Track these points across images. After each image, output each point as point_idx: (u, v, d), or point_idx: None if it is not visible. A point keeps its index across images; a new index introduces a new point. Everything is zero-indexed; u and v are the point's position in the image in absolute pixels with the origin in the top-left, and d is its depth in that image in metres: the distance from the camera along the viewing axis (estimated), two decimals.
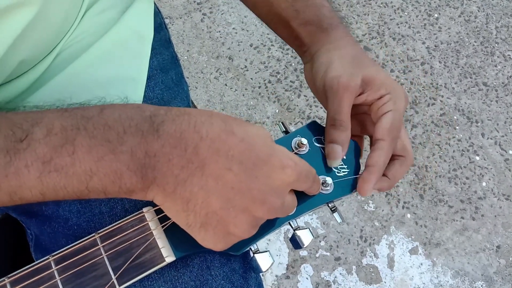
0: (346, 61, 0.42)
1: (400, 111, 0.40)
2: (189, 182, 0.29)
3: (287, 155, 0.31)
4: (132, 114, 0.29)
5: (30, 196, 0.29)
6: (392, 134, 0.40)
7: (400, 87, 0.42)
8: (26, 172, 0.28)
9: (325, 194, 0.40)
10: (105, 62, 0.42)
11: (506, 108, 1.32)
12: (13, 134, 0.28)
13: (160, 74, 0.47)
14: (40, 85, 0.39)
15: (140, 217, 0.35)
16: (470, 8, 1.49)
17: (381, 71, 0.42)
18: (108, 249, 0.34)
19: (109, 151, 0.28)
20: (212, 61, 1.33)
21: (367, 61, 0.43)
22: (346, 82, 0.40)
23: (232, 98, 1.27)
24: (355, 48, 0.43)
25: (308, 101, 1.28)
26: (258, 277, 0.44)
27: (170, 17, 1.38)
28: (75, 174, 0.28)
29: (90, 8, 0.43)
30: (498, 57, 1.40)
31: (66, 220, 0.40)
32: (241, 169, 0.29)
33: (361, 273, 1.08)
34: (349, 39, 0.44)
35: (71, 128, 0.28)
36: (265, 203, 0.30)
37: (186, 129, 0.29)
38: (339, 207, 1.16)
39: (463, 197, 1.19)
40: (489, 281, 1.09)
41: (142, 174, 0.29)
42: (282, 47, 1.36)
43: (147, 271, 0.34)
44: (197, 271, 0.38)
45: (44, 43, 0.38)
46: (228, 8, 1.41)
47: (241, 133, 0.30)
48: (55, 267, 0.33)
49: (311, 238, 0.38)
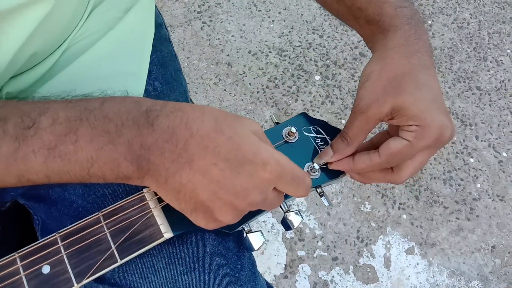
0: (381, 83, 0.38)
1: (416, 148, 0.37)
2: (178, 175, 0.31)
3: (271, 154, 0.32)
4: (130, 108, 0.32)
5: (37, 179, 0.32)
6: (391, 160, 0.38)
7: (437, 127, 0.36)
8: (33, 157, 0.30)
9: (313, 179, 0.43)
10: (109, 58, 0.45)
11: (499, 112, 1.35)
12: (22, 121, 0.30)
13: (160, 69, 0.50)
14: (49, 77, 0.42)
15: (140, 197, 0.37)
16: (462, 15, 1.53)
17: (420, 101, 0.37)
18: (111, 226, 0.36)
19: (108, 142, 0.31)
20: (211, 67, 1.37)
21: (410, 84, 0.37)
22: (365, 109, 0.37)
23: (231, 103, 1.31)
24: (404, 63, 0.38)
25: (305, 106, 1.31)
26: (251, 257, 0.46)
27: (171, 26, 1.42)
28: (77, 161, 0.31)
29: (96, 7, 0.46)
30: (490, 62, 1.44)
31: (72, 202, 0.42)
32: (227, 165, 0.31)
33: (358, 273, 1.10)
34: (405, 49, 0.39)
35: (74, 118, 0.31)
36: (247, 198, 0.32)
37: (178, 125, 0.31)
38: (335, 208, 1.18)
39: (458, 198, 1.21)
40: (485, 280, 1.11)
41: (137, 164, 0.31)
42: (280, 53, 1.40)
43: (147, 246, 0.36)
44: (193, 249, 0.41)
45: (54, 38, 0.41)
46: (227, 16, 1.45)
47: (229, 132, 0.31)
48: (61, 243, 0.36)
49: (300, 220, 0.41)
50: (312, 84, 1.35)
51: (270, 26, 1.45)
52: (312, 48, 1.42)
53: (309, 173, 0.43)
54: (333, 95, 1.34)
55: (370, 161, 0.39)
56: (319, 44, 1.43)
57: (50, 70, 0.43)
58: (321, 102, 1.32)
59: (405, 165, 0.39)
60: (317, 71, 1.38)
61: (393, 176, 0.40)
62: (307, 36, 1.44)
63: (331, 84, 1.36)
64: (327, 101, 1.33)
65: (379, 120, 0.38)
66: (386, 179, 0.41)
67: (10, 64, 0.36)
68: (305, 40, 1.43)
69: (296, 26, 1.45)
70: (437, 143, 0.37)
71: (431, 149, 0.39)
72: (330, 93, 1.34)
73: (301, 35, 1.44)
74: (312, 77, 1.37)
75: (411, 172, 0.39)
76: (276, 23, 1.45)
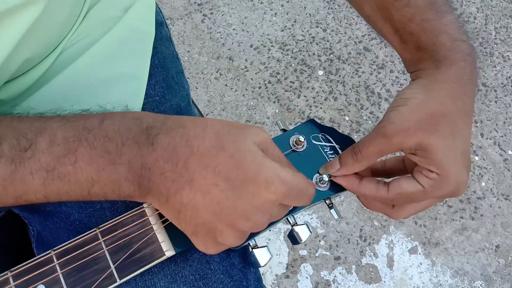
0: (418, 114, 0.34)
1: (428, 196, 0.35)
2: (179, 195, 0.30)
3: (275, 173, 0.31)
4: (131, 126, 0.31)
5: (35, 199, 0.31)
6: (397, 199, 0.36)
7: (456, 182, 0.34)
8: (31, 179, 0.29)
9: (322, 191, 0.41)
10: (107, 60, 0.43)
11: (505, 109, 1.33)
12: (18, 143, 0.29)
13: (161, 72, 0.48)
14: (43, 83, 0.40)
15: (140, 212, 0.35)
16: (469, 9, 1.50)
17: (449, 149, 0.34)
18: (109, 244, 0.34)
19: (109, 163, 0.30)
20: (212, 61, 1.34)
21: (445, 127, 0.34)
22: (390, 134, 0.34)
23: (232, 99, 1.28)
24: (448, 103, 0.35)
25: (308, 102, 1.29)
26: (257, 272, 0.44)
27: (170, 18, 1.39)
28: (77, 182, 0.30)
29: (93, 6, 0.43)
30: (497, 57, 1.41)
31: (68, 215, 0.40)
32: (228, 186, 0.30)
33: (360, 273, 1.08)
34: (454, 87, 0.35)
35: (73, 139, 0.30)
36: (249, 220, 0.31)
37: (179, 143, 0.30)
38: (338, 206, 1.16)
39: (462, 197, 1.19)
40: (488, 280, 1.10)
41: (139, 184, 0.30)
42: (282, 48, 1.37)
43: (147, 265, 0.34)
44: (196, 265, 0.39)
45: (48, 41, 0.39)
46: (229, 9, 1.42)
47: (231, 149, 0.30)
48: (57, 261, 0.34)
49: (308, 234, 0.39)
50: (315, 79, 1.33)
51: (272, 19, 1.42)
52: (316, 42, 1.39)
53: (318, 184, 0.41)
54: (337, 90, 1.31)
55: (377, 192, 0.37)
56: (323, 38, 1.40)
57: (45, 75, 0.40)
58: (324, 98, 1.30)
59: (408, 205, 0.37)
60: (320, 66, 1.35)
61: (392, 212, 0.38)
62: (310, 30, 1.41)
63: (335, 80, 1.33)
64: (330, 97, 1.30)
65: (399, 149, 0.35)
66: (383, 211, 0.39)
67: (1, 70, 0.34)
68: (308, 34, 1.40)
69: (299, 19, 1.42)
70: (448, 196, 0.36)
71: (439, 198, 0.37)
72: (333, 88, 1.31)
73: (304, 28, 1.41)
74: (315, 72, 1.34)
75: (411, 214, 0.38)
76: (278, 16, 1.42)
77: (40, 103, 0.40)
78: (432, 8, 0.38)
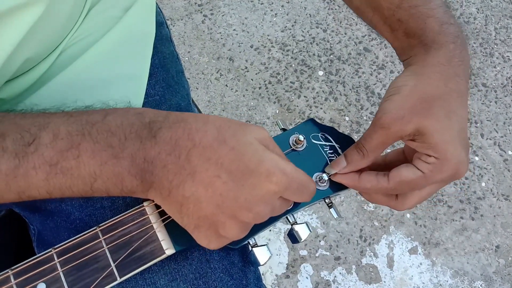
0: (411, 100, 0.35)
1: (429, 181, 0.35)
2: (181, 188, 0.30)
3: (276, 164, 0.31)
4: (133, 121, 0.31)
5: (38, 195, 0.31)
6: (399, 188, 0.36)
7: (456, 163, 0.34)
8: (34, 174, 0.29)
9: (322, 190, 0.41)
10: (108, 60, 0.43)
11: (505, 109, 1.33)
12: (22, 138, 0.29)
13: (161, 72, 0.48)
14: (44, 82, 0.40)
15: (141, 211, 0.36)
16: (469, 10, 1.50)
17: (446, 130, 0.34)
18: (109, 242, 0.34)
19: (112, 157, 0.30)
20: (213, 62, 1.34)
21: (440, 110, 0.34)
22: (387, 124, 0.35)
23: (232, 99, 1.28)
24: (440, 86, 0.35)
25: (308, 102, 1.29)
26: (256, 271, 0.44)
27: (171, 19, 1.39)
28: (80, 176, 0.30)
29: (94, 6, 0.43)
30: (497, 58, 1.41)
31: (69, 214, 0.41)
32: (230, 177, 0.30)
33: (360, 273, 1.08)
34: (445, 69, 0.36)
35: (76, 133, 0.30)
36: (251, 211, 0.31)
37: (181, 136, 0.30)
38: (338, 206, 1.16)
39: (462, 197, 1.19)
40: (489, 280, 1.10)
41: (141, 178, 0.31)
42: (283, 48, 1.37)
43: (148, 263, 0.34)
44: (196, 264, 0.39)
45: (49, 41, 0.39)
46: (229, 9, 1.42)
47: (232, 142, 0.30)
48: (57, 260, 0.34)
49: (308, 233, 0.39)
50: (316, 79, 1.33)
51: (272, 19, 1.42)
52: (316, 42, 1.39)
53: (318, 183, 0.41)
54: (337, 91, 1.31)
55: (377, 183, 0.37)
56: (323, 38, 1.40)
57: (45, 74, 0.41)
58: (324, 98, 1.30)
59: (411, 194, 0.37)
60: (321, 67, 1.35)
61: (396, 203, 0.38)
62: (311, 31, 1.41)
63: (335, 80, 1.33)
64: (330, 97, 1.30)
65: (400, 138, 0.35)
66: (388, 204, 0.39)
67: (2, 70, 0.34)
68: (309, 34, 1.40)
69: (300, 20, 1.42)
70: (450, 179, 0.36)
71: (442, 183, 0.37)
72: (333, 89, 1.32)
73: (304, 29, 1.41)
74: (316, 73, 1.34)
75: (416, 202, 0.37)
76: (278, 16, 1.42)
77: (41, 102, 0.40)
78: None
